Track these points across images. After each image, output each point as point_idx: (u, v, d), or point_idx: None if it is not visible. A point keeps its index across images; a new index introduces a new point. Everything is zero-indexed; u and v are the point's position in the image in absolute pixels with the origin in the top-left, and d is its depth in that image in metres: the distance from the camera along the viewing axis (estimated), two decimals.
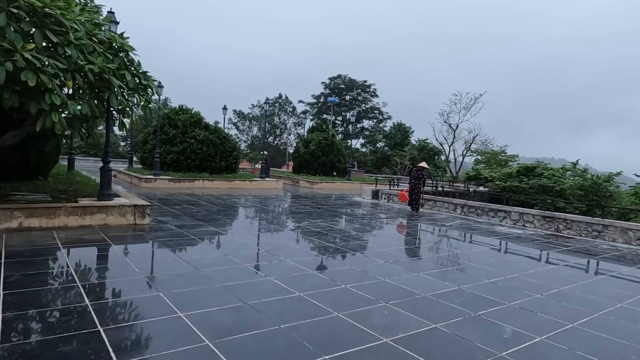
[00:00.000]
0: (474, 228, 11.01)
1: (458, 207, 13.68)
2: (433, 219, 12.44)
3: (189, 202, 12.53)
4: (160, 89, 17.25)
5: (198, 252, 6.43)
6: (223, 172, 19.74)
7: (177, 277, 5.06)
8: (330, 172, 25.45)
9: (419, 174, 13.89)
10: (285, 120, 68.20)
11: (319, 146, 25.22)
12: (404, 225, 11.14)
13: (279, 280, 5.15)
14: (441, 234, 9.98)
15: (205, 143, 19.04)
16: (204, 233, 7.97)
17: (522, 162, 35.64)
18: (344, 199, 17.11)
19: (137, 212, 8.39)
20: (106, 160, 8.62)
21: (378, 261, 6.49)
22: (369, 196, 17.05)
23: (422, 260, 6.87)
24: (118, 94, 7.36)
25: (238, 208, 12.24)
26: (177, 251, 6.41)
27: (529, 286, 5.62)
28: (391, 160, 54.78)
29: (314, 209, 13.05)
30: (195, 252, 6.44)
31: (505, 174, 28.16)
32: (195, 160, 18.83)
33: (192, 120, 19.72)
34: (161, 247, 6.69)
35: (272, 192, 18.65)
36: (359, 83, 61.77)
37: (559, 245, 9.06)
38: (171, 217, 9.62)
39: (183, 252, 6.42)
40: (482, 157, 40.20)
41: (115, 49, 7.79)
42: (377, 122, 63.84)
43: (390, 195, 16.19)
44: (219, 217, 10.02)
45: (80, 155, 50.29)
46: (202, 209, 11.27)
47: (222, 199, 14.15)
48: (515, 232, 10.65)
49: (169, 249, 6.51)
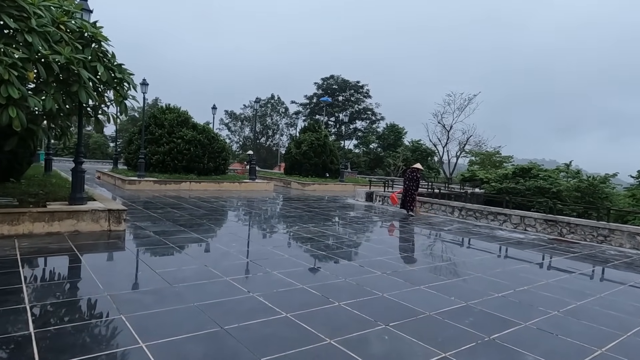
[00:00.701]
0: (473, 232, 10.46)
1: (456, 210, 13.14)
2: (430, 222, 11.88)
3: (173, 205, 11.84)
4: (145, 86, 16.51)
5: (175, 263, 5.77)
6: (211, 173, 19.03)
7: (147, 294, 4.42)
8: (322, 174, 24.84)
9: (413, 175, 13.37)
10: (278, 121, 67.53)
11: (311, 147, 24.60)
12: (400, 230, 10.56)
13: (263, 297, 4.52)
14: (440, 239, 9.40)
15: (193, 143, 18.32)
16: (184, 240, 7.31)
17: (516, 164, 35.33)
18: (336, 201, 16.51)
19: (112, 217, 7.70)
20: (78, 161, 7.91)
21: (375, 272, 5.89)
22: (362, 198, 16.46)
23: (423, 270, 6.28)
24: (88, 87, 6.69)
25: (225, 212, 11.57)
26: (152, 262, 5.75)
27: (543, 301, 5.05)
28: (384, 161, 54.37)
29: (305, 212, 12.42)
30: (172, 263, 5.78)
31: (500, 175, 27.74)
32: (182, 161, 18.10)
33: (179, 119, 18.98)
34: (134, 257, 6.02)
35: (263, 194, 17.99)
36: (352, 83, 61.29)
37: (565, 252, 8.53)
38: (151, 222, 8.94)
39: (158, 263, 5.76)
40: (477, 159, 39.83)
41: (86, 38, 7.12)
42: (370, 123, 63.40)
43: (385, 198, 15.61)
44: (203, 222, 9.35)
45: (68, 156, 49.38)
46: (186, 212, 10.59)
47: (209, 201, 13.47)
48: (517, 237, 10.12)
49: (142, 260, 5.85)
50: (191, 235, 7.76)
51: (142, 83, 16.41)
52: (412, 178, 13.27)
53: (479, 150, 39.62)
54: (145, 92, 16.48)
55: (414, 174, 13.40)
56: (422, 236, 9.76)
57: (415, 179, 13.28)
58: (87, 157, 46.23)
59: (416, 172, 13.45)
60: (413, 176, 13.31)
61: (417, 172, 13.48)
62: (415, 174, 13.41)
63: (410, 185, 13.24)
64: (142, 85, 16.39)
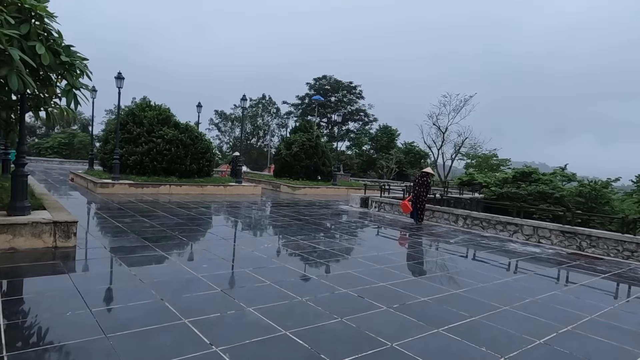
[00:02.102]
0: (483, 245, 9.29)
1: (460, 218, 11.96)
2: (433, 233, 10.69)
3: (145, 213, 10.50)
4: (120, 80, 15.08)
5: (121, 297, 4.48)
6: (194, 175, 17.66)
7: (63, 355, 3.13)
8: (314, 176, 23.57)
9: (424, 180, 12.21)
10: (269, 122, 66.15)
11: (302, 148, 23.31)
12: (402, 244, 9.35)
13: (229, 355, 3.26)
14: (448, 255, 8.19)
15: (174, 143, 16.93)
16: (144, 261, 6.02)
17: (513, 167, 34.40)
18: (329, 207, 15.26)
19: (59, 231, 6.37)
20: (20, 163, 6.56)
21: (378, 306, 4.65)
22: (357, 204, 15.24)
23: (437, 302, 5.06)
24: (22, 71, 5.37)
25: (203, 221, 10.26)
26: (92, 296, 4.45)
27: (603, 352, 3.85)
28: (377, 163, 53.35)
29: (294, 220, 11.15)
30: (118, 297, 4.49)
31: (500, 179, 26.67)
32: (162, 163, 16.70)
33: (159, 117, 17.58)
34: (71, 288, 4.71)
35: (249, 198, 16.68)
36: (345, 84, 60.22)
37: (591, 270, 7.37)
38: (112, 236, 7.61)
39: (100, 296, 4.46)
40: (473, 161, 38.84)
41: (25, 13, 5.80)
42: (362, 125, 62.38)
43: (382, 204, 14.40)
44: (174, 234, 8.04)
45: (52, 155, 47.50)
46: (158, 222, 9.26)
47: (188, 207, 12.14)
48: (532, 251, 8.97)
49: (80, 292, 4.54)
50: (155, 253, 6.46)
51: (117, 77, 14.99)
52: (423, 183, 12.12)
53: (475, 153, 38.65)
54: (120, 87, 15.06)
55: (424, 178, 12.25)
56: (427, 251, 8.55)
57: (426, 185, 12.13)
58: (71, 157, 44.51)
59: (426, 177, 12.31)
60: (423, 181, 12.16)
61: (428, 177, 12.34)
62: (425, 179, 12.27)
63: (420, 192, 12.09)
64: (117, 80, 14.99)
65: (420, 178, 12.35)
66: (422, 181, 12.25)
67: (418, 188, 12.18)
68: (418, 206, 12.13)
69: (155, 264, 5.88)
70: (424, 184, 12.24)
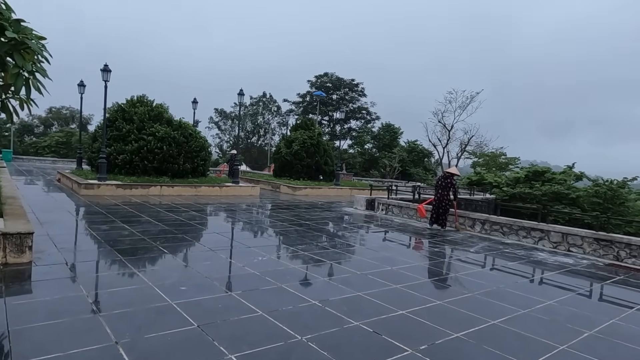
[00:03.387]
0: (508, 256, 8.19)
1: (477, 223, 10.86)
2: (449, 240, 9.60)
3: (127, 218, 9.42)
4: (106, 72, 13.97)
5: (63, 339, 3.39)
6: (188, 175, 16.59)
7: None
8: (315, 176, 22.47)
9: (447, 182, 11.10)
10: (270, 120, 65.07)
11: (303, 146, 22.20)
12: (418, 255, 8.25)
13: None
14: (473, 268, 7.08)
15: (166, 141, 15.84)
16: (109, 282, 4.94)
17: (521, 166, 33.21)
18: (332, 209, 14.17)
19: (10, 244, 5.29)
20: None
21: (401, 349, 3.56)
22: (362, 206, 14.14)
23: (477, 340, 3.98)
24: None
25: (191, 227, 9.17)
26: (21, 336, 3.36)
27: None
28: (379, 162, 52.30)
29: (293, 225, 10.07)
30: (58, 339, 3.40)
31: (512, 178, 25.46)
32: (154, 162, 15.62)
33: (151, 113, 16.50)
34: (2, 325, 3.62)
35: (246, 200, 15.59)
36: (347, 82, 59.10)
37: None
38: (81, 248, 6.54)
39: (30, 337, 3.37)
40: (481, 160, 37.62)
41: None
42: (364, 123, 61.30)
43: (389, 206, 13.30)
44: (154, 245, 6.96)
45: (49, 155, 46.41)
46: (140, 229, 8.18)
47: (178, 211, 11.06)
48: (564, 262, 7.87)
49: (7, 331, 3.45)
50: (126, 271, 5.38)
51: (103, 69, 13.91)
52: (447, 185, 11.02)
53: (482, 152, 37.45)
54: (107, 80, 13.96)
55: (448, 180, 11.14)
56: (447, 264, 7.45)
57: (450, 187, 11.03)
58: (68, 157, 43.27)
59: (451, 178, 11.18)
60: (447, 183, 11.06)
61: (452, 177, 11.22)
62: (449, 180, 11.15)
63: (443, 195, 10.99)
64: (103, 72, 13.90)
65: (444, 180, 11.24)
66: (447, 183, 11.12)
67: (441, 191, 11.06)
68: (441, 210, 11.02)
69: (122, 287, 4.79)
70: (448, 185, 11.09)
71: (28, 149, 53.00)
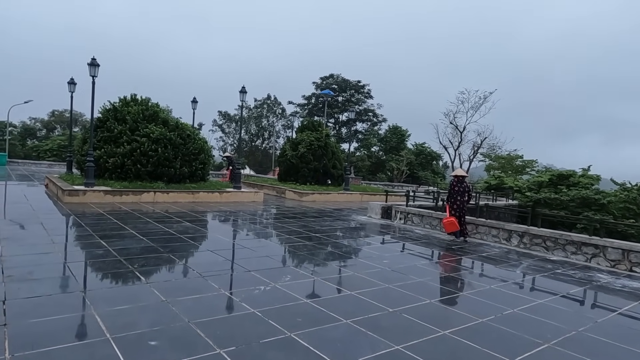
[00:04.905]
0: (560, 277, 6.74)
1: (514, 235, 9.39)
2: (485, 257, 8.15)
3: (106, 233, 8.06)
4: (94, 67, 12.58)
5: None
6: (186, 180, 15.23)
7: None
8: (323, 180, 21.04)
9: (464, 186, 9.84)
10: (274, 123, 63.82)
11: (310, 148, 20.78)
12: (455, 279, 6.80)
13: None
14: (528, 300, 5.62)
15: (162, 143, 14.49)
16: (48, 333, 3.55)
17: (538, 169, 31.61)
18: (343, 218, 12.74)
19: None
20: None
21: None
22: (377, 215, 12.70)
23: None
24: None
25: (181, 244, 7.77)
26: None
27: None
28: (386, 165, 50.97)
29: (301, 239, 8.66)
30: None
31: (534, 182, 23.84)
32: (147, 166, 14.27)
33: (145, 113, 15.17)
34: None
35: (249, 207, 14.20)
36: (353, 83, 57.75)
37: None
38: (35, 274, 5.15)
39: None
40: (495, 163, 36.00)
41: None
42: (371, 125, 59.97)
43: (408, 215, 11.85)
44: (129, 269, 5.57)
45: (51, 158, 45.25)
46: (118, 246, 6.80)
47: (169, 222, 9.69)
48: (636, 287, 6.40)
49: None
50: (78, 314, 3.99)
51: (90, 63, 12.59)
52: (463, 190, 9.74)
53: (496, 154, 35.84)
54: (95, 76, 12.65)
55: (464, 184, 9.89)
56: (495, 293, 5.99)
57: (466, 192, 9.77)
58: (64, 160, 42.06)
59: (464, 181, 9.98)
60: (463, 188, 9.78)
61: (465, 180, 10.04)
62: (465, 184, 9.93)
63: (463, 201, 9.71)
64: (90, 67, 12.56)
65: (459, 184, 9.89)
66: (462, 188, 9.82)
67: (461, 197, 9.70)
68: (463, 220, 9.67)
69: (64, 343, 3.40)
70: (464, 190, 9.84)
71: (30, 152, 52.05)
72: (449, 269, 7.30)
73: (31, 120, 61.94)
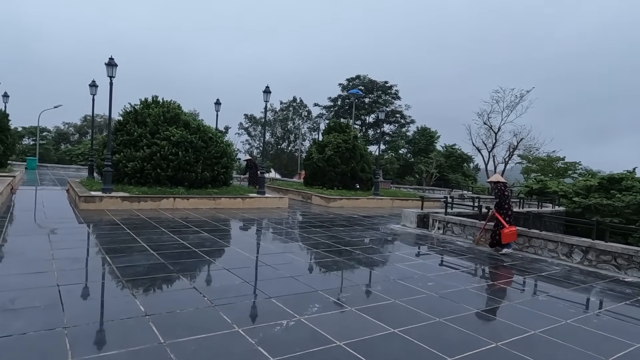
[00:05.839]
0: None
1: (576, 250, 8.10)
2: (545, 276, 6.94)
3: (115, 246, 7.31)
4: (112, 67, 11.99)
5: None
6: (207, 185, 14.52)
7: None
8: (351, 185, 20.00)
9: (504, 192, 8.77)
10: (300, 125, 63.19)
11: (337, 151, 19.79)
12: (513, 304, 5.64)
13: None
14: (619, 338, 4.44)
15: (182, 146, 13.83)
16: None
17: (580, 171, 29.48)
18: (374, 227, 11.68)
19: None
20: None
21: None
22: (412, 223, 11.57)
23: None
24: None
25: (194, 260, 6.91)
26: None
27: None
28: (415, 168, 49.46)
29: (330, 254, 7.67)
30: None
31: (582, 187, 21.97)
32: (167, 170, 13.62)
33: (166, 115, 14.57)
34: None
35: (272, 214, 13.33)
36: (380, 84, 56.53)
37: None
38: (17, 302, 4.37)
39: None
40: (534, 165, 33.97)
41: None
42: (399, 127, 58.53)
43: (448, 224, 10.67)
44: (127, 294, 4.73)
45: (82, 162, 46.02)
46: (124, 263, 6.01)
47: (186, 232, 8.90)
48: None
49: None
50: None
51: (108, 63, 12.04)
52: (504, 196, 8.65)
53: (534, 156, 33.77)
54: (112, 76, 12.09)
55: (503, 190, 8.80)
56: (585, 333, 4.82)
57: (507, 197, 8.69)
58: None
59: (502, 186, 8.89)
60: (505, 193, 8.69)
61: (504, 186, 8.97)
62: (504, 191, 8.81)
63: (507, 208, 8.63)
64: (108, 67, 12.01)
65: (499, 190, 8.81)
66: (504, 193, 8.75)
67: (507, 205, 8.60)
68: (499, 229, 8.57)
69: None
70: (505, 196, 8.78)
71: (63, 156, 53.25)
72: (508, 295, 6.15)
73: (65, 125, 63.55)
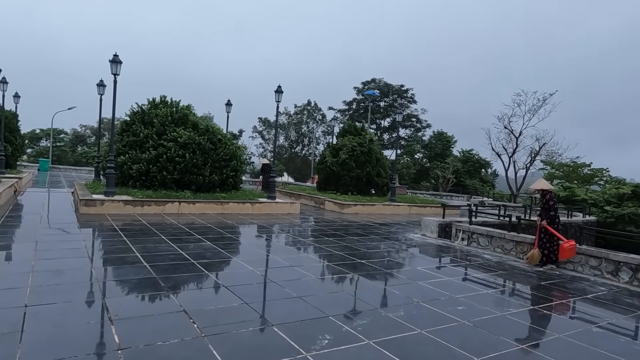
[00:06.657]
0: None
1: (624, 268, 7.13)
2: (590, 299, 6.01)
3: (107, 255, 6.64)
4: (116, 64, 11.41)
5: None
6: (216, 189, 13.86)
7: None
8: (366, 190, 19.14)
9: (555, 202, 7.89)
10: (314, 129, 62.56)
11: (352, 154, 18.97)
12: (562, 337, 4.74)
13: None
14: None
15: (190, 148, 13.20)
16: None
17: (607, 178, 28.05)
18: (392, 236, 10.82)
19: None
20: None
21: None
22: (433, 233, 10.68)
23: None
24: None
25: (191, 275, 6.17)
26: None
27: None
28: (431, 173, 48.27)
29: (345, 268, 6.86)
30: None
31: (615, 195, 20.67)
32: (174, 173, 13.00)
33: (174, 116, 13.98)
34: None
35: (283, 221, 12.57)
36: (395, 88, 55.54)
37: None
38: None
39: None
40: (558, 171, 32.53)
41: None
42: (414, 131, 57.44)
43: (473, 235, 9.76)
44: (97, 322, 4.00)
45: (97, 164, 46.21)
46: (115, 277, 5.31)
47: (187, 241, 8.19)
48: None
49: None
50: None
51: (112, 60, 11.50)
52: (550, 207, 7.76)
53: (560, 161, 32.35)
54: (117, 74, 11.55)
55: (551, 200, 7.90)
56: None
57: (553, 207, 7.78)
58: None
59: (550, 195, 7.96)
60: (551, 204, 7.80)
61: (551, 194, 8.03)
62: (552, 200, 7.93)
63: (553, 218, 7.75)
64: (112, 64, 11.46)
65: (547, 200, 7.86)
66: (551, 204, 7.79)
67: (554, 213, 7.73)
68: (555, 244, 7.63)
69: None
70: (551, 206, 7.84)
71: (80, 158, 53.57)
72: (554, 324, 5.24)
73: (82, 127, 64.09)
